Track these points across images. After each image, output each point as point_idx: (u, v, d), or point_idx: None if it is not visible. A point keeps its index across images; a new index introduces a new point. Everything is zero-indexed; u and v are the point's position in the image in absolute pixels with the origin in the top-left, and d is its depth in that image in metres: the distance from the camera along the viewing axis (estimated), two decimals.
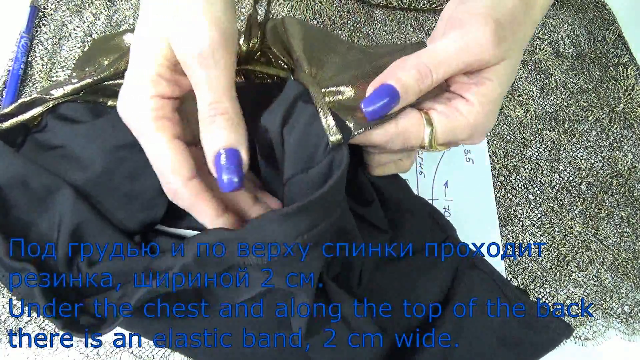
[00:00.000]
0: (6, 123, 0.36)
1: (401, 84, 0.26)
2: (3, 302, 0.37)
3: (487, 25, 0.26)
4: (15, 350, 0.35)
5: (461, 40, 0.26)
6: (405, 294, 0.37)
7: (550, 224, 0.44)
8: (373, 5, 0.54)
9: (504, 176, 0.46)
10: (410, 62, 0.26)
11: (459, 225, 0.43)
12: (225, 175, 0.25)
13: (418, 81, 0.26)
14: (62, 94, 0.37)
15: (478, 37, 0.26)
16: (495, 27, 0.26)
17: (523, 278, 0.42)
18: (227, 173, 0.26)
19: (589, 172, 0.48)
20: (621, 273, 0.43)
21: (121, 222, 0.35)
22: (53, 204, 0.34)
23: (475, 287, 0.37)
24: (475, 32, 0.26)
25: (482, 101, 0.28)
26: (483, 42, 0.26)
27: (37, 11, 0.49)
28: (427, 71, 0.26)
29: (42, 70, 0.46)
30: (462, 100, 0.28)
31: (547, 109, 0.51)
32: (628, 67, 0.54)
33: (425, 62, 0.26)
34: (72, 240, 0.33)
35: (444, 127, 0.28)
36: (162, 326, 0.33)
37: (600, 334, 0.40)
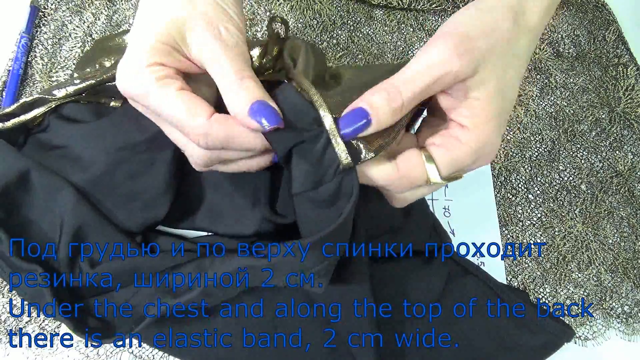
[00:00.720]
0: (8, 123, 0.36)
1: (371, 106, 0.26)
2: (3, 302, 0.37)
3: (450, 39, 0.27)
4: (15, 350, 0.35)
5: (424, 57, 0.27)
6: (405, 294, 0.37)
7: (550, 224, 0.44)
8: (373, 5, 0.54)
9: (504, 176, 0.46)
10: (380, 85, 0.27)
11: (459, 225, 0.43)
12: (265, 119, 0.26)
13: (388, 101, 0.26)
14: (64, 94, 0.37)
15: (439, 52, 0.26)
16: (459, 39, 0.27)
17: (523, 278, 0.42)
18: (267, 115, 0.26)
19: (589, 172, 0.48)
20: (621, 273, 0.43)
21: (122, 222, 0.35)
22: (55, 204, 0.34)
23: (470, 292, 0.37)
24: (436, 48, 0.27)
25: (477, 123, 0.28)
26: (445, 55, 0.26)
27: (37, 11, 0.49)
28: (395, 91, 0.26)
29: (42, 70, 0.46)
30: (459, 127, 0.28)
31: (547, 109, 0.51)
32: (628, 67, 0.54)
33: (393, 82, 0.27)
34: (73, 240, 0.33)
35: (445, 161, 0.28)
36: (162, 326, 0.33)
37: (600, 334, 0.40)
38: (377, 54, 0.52)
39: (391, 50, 0.52)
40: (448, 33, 0.27)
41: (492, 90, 0.28)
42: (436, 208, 0.44)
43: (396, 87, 0.27)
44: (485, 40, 0.27)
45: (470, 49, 0.27)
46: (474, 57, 0.27)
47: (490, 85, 0.28)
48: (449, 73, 0.26)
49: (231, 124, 0.27)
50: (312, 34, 0.52)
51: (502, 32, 0.28)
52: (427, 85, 0.27)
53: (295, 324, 0.34)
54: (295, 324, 0.34)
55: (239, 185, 0.36)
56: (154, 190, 0.34)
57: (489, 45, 0.27)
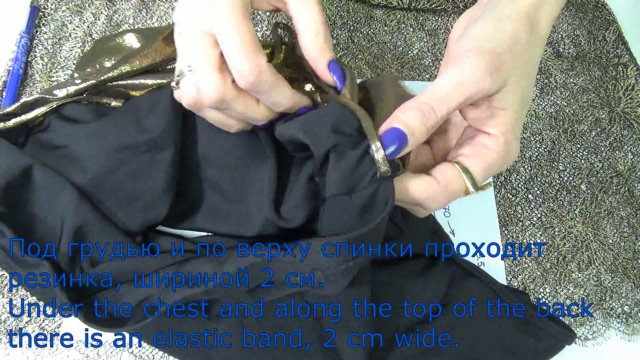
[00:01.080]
0: (9, 122, 0.36)
1: (406, 126, 0.27)
2: (3, 302, 0.37)
3: (481, 58, 0.27)
4: (15, 350, 0.35)
5: (457, 76, 0.27)
6: (405, 294, 0.37)
7: (550, 224, 0.44)
8: (373, 5, 0.54)
9: (504, 176, 0.46)
10: (411, 104, 0.27)
11: (459, 225, 0.43)
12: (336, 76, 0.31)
13: (422, 120, 0.27)
14: (65, 94, 0.37)
15: (472, 71, 0.27)
16: (490, 58, 0.27)
17: (523, 278, 0.42)
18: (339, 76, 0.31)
19: (589, 172, 0.48)
20: (621, 273, 0.43)
21: (123, 222, 0.35)
22: (56, 203, 0.34)
23: (471, 293, 0.37)
24: (469, 66, 0.27)
25: (503, 131, 0.28)
26: (478, 75, 0.27)
27: (37, 11, 0.49)
28: (430, 109, 0.27)
29: (42, 70, 0.46)
30: (485, 135, 0.29)
31: (547, 109, 0.51)
32: (628, 67, 0.54)
33: (426, 101, 0.27)
34: (74, 239, 0.33)
35: (479, 169, 0.29)
36: (162, 326, 0.33)
37: (600, 334, 0.40)
38: (377, 54, 0.52)
39: (391, 50, 0.52)
40: (478, 50, 0.27)
41: (517, 100, 0.29)
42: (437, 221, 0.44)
43: (430, 105, 0.27)
44: (510, 54, 0.28)
45: (499, 66, 0.27)
46: (503, 73, 0.27)
47: (516, 96, 0.28)
48: (480, 91, 0.27)
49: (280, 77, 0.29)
50: None
51: (522, 44, 0.29)
52: (461, 103, 0.27)
53: (295, 324, 0.34)
54: (295, 324, 0.34)
55: (241, 186, 0.36)
56: (154, 191, 0.34)
57: (512, 58, 0.28)
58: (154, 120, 0.35)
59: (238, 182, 0.36)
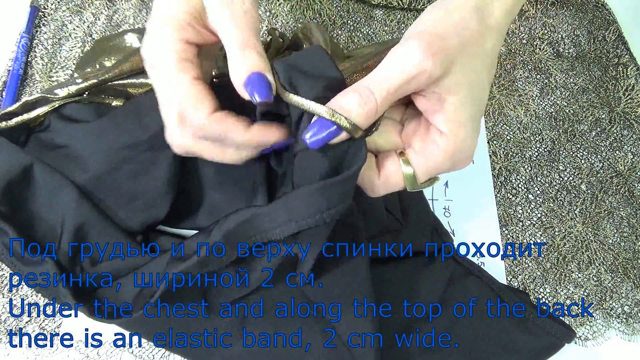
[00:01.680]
0: (11, 121, 0.36)
1: (342, 109, 0.26)
2: (3, 302, 0.37)
3: (421, 39, 0.26)
4: (15, 350, 0.35)
5: (395, 57, 0.26)
6: (404, 293, 0.37)
7: (550, 224, 0.44)
8: (373, 5, 0.54)
9: (504, 176, 0.46)
10: (352, 87, 0.27)
11: (459, 225, 0.43)
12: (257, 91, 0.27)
13: (360, 104, 0.26)
14: (66, 93, 0.37)
15: (410, 51, 0.26)
16: (431, 39, 0.26)
17: (523, 278, 0.42)
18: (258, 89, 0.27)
19: (589, 172, 0.48)
20: (621, 273, 0.43)
21: (123, 221, 0.35)
22: (57, 202, 0.34)
23: (471, 292, 0.37)
24: (408, 47, 0.26)
25: (452, 127, 0.27)
26: (418, 55, 0.26)
27: (37, 11, 0.49)
28: (368, 92, 0.26)
29: (42, 70, 0.46)
30: (437, 132, 0.28)
31: (547, 109, 0.51)
32: (628, 67, 0.54)
33: (365, 84, 0.26)
34: (74, 239, 0.33)
35: (422, 168, 0.28)
36: (162, 326, 0.33)
37: (600, 334, 0.40)
38: None
39: None
40: (420, 32, 0.27)
41: (465, 93, 0.28)
42: (436, 208, 0.44)
43: (368, 88, 0.26)
44: (456, 39, 0.27)
45: (442, 47, 0.26)
46: (447, 56, 0.26)
47: (462, 88, 0.27)
48: (422, 72, 0.26)
49: (229, 122, 0.28)
50: None
51: (471, 31, 0.28)
52: (400, 85, 0.26)
53: (296, 324, 0.34)
54: (296, 324, 0.34)
55: (239, 183, 0.36)
56: (155, 190, 0.34)
57: (459, 45, 0.27)
58: (155, 119, 0.35)
59: (236, 180, 0.36)
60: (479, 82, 0.29)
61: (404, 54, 0.26)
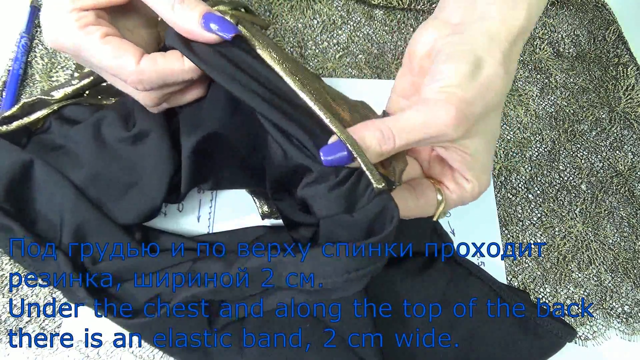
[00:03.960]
0: (12, 125, 0.37)
1: (363, 142, 0.26)
2: (3, 302, 0.37)
3: (452, 106, 0.26)
4: (15, 350, 0.35)
5: (425, 115, 0.27)
6: (404, 294, 0.37)
7: (551, 224, 0.44)
8: (373, 5, 0.54)
9: (504, 176, 0.46)
10: (375, 124, 0.27)
11: (459, 225, 0.43)
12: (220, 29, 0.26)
13: (380, 142, 0.26)
14: (62, 95, 0.37)
15: (442, 117, 0.26)
16: (460, 106, 0.26)
17: (523, 278, 0.42)
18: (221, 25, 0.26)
19: (589, 172, 0.48)
20: (621, 273, 0.43)
21: (120, 214, 0.35)
22: (55, 201, 0.34)
23: (471, 292, 0.37)
24: (440, 112, 0.26)
25: (476, 175, 0.30)
26: (446, 122, 0.26)
27: (37, 11, 0.49)
28: (390, 134, 0.27)
29: (42, 70, 0.46)
30: (464, 179, 0.31)
31: (547, 109, 0.51)
32: (628, 67, 0.54)
33: (389, 125, 0.27)
34: (73, 239, 0.33)
35: (453, 204, 0.31)
36: (162, 326, 0.33)
37: (600, 334, 0.40)
38: (377, 54, 0.51)
39: (391, 50, 0.52)
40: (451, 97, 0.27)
41: (484, 146, 0.29)
42: None
43: (391, 131, 0.27)
44: (482, 102, 0.27)
45: (468, 115, 0.27)
46: (471, 123, 0.27)
47: (482, 142, 0.29)
48: (444, 135, 0.27)
49: (161, 62, 0.27)
50: (312, 34, 0.52)
51: (496, 89, 0.28)
52: (421, 140, 0.27)
53: (296, 324, 0.34)
54: (296, 324, 0.34)
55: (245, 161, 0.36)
56: (150, 179, 0.35)
57: (483, 109, 0.28)
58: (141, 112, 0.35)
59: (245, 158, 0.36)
60: (495, 126, 0.30)
61: (434, 113, 0.27)
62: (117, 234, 0.34)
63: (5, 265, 0.37)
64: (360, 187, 0.27)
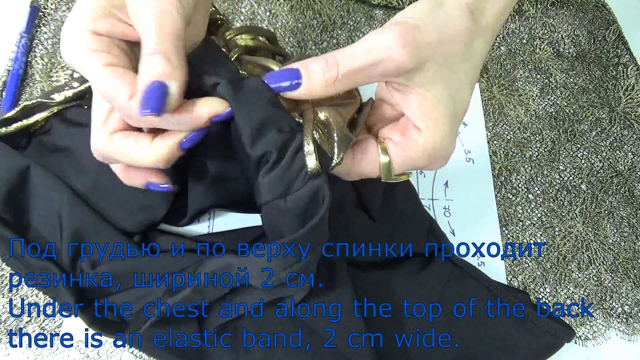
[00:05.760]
0: (11, 127, 0.37)
1: (306, 70, 0.26)
2: (3, 302, 0.37)
3: (396, 27, 0.26)
4: (15, 350, 0.35)
5: (368, 39, 0.26)
6: (403, 294, 0.37)
7: (551, 224, 0.44)
8: (373, 5, 0.54)
9: (504, 176, 0.46)
10: (322, 55, 0.27)
11: (459, 225, 0.43)
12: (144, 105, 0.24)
13: (323, 69, 0.26)
14: (63, 98, 0.37)
15: (383, 36, 0.26)
16: (405, 28, 0.26)
17: (523, 278, 0.42)
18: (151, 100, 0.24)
19: (589, 172, 0.48)
20: (621, 273, 0.43)
21: (120, 223, 0.35)
22: (53, 206, 0.34)
23: (470, 292, 0.37)
24: (382, 32, 0.26)
25: (429, 124, 0.27)
26: (387, 40, 0.26)
27: (37, 11, 0.49)
28: (334, 62, 0.26)
29: (42, 70, 0.46)
30: (414, 128, 0.28)
31: (547, 109, 0.51)
32: (628, 67, 0.54)
33: (334, 54, 0.27)
34: (73, 240, 0.33)
35: (400, 160, 0.28)
36: (162, 326, 0.33)
37: (600, 334, 0.40)
38: None
39: None
40: (399, 22, 0.27)
41: (440, 90, 0.27)
42: (436, 208, 0.44)
43: (335, 59, 0.26)
44: (436, 34, 0.27)
45: (415, 39, 0.26)
46: (420, 49, 0.26)
47: (438, 85, 0.27)
48: (390, 59, 0.26)
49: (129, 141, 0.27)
50: (312, 34, 0.52)
51: (459, 30, 0.27)
52: (366, 65, 0.26)
53: (296, 324, 0.34)
54: (296, 324, 0.34)
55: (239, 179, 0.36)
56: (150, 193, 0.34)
57: (438, 40, 0.27)
58: None
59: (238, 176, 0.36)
60: (459, 81, 0.28)
61: (377, 37, 0.26)
62: (117, 235, 0.34)
63: (5, 266, 0.37)
64: (293, 168, 0.26)
